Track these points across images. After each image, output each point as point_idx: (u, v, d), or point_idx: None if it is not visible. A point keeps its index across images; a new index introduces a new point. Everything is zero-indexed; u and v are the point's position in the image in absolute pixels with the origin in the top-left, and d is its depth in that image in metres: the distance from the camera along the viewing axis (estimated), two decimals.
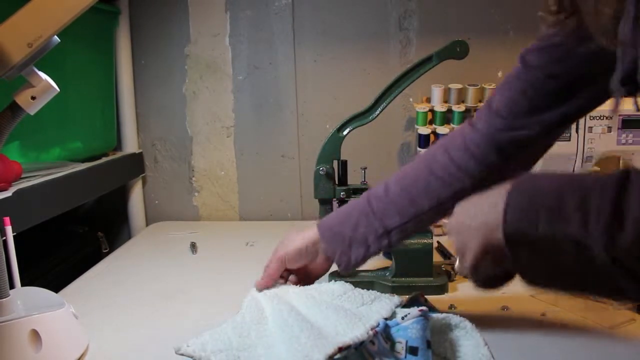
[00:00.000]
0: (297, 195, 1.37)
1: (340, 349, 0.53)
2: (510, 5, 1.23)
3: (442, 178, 0.68)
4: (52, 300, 0.68)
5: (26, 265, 0.89)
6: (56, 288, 0.85)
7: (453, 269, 0.91)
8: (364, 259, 0.71)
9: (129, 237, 1.35)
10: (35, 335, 0.61)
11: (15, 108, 0.57)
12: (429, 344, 0.58)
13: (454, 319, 0.63)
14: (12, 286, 0.67)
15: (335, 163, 0.91)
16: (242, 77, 1.32)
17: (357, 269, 0.74)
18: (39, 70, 0.59)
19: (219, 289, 0.89)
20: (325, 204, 0.92)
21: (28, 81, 0.58)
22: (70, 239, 1.20)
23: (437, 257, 0.98)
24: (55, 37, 0.57)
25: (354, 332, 0.58)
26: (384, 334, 0.59)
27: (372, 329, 0.57)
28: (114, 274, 0.99)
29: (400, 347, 0.57)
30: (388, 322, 0.60)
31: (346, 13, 1.27)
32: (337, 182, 0.91)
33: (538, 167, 0.78)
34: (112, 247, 1.22)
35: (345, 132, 0.90)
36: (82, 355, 0.67)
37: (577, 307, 0.77)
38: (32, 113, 0.58)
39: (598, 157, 1.06)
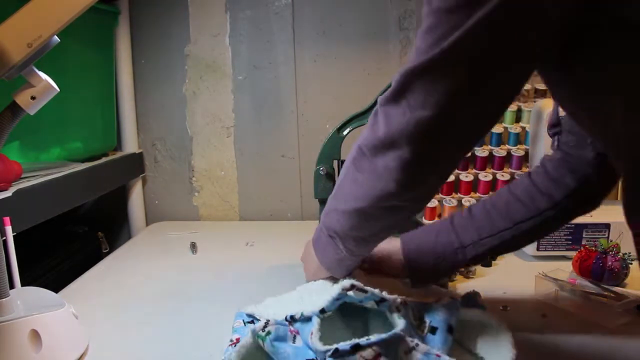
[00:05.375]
0: (297, 195, 1.37)
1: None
2: None
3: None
4: (52, 300, 0.68)
5: (26, 265, 0.90)
6: (56, 288, 0.84)
7: None
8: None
9: (129, 237, 1.35)
10: (35, 335, 0.61)
11: (15, 108, 0.57)
12: (450, 329, 0.60)
13: (492, 321, 0.63)
14: (12, 286, 0.67)
15: (335, 163, 0.91)
16: (242, 77, 1.32)
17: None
18: (39, 70, 0.59)
19: (219, 289, 0.89)
20: (325, 204, 0.91)
21: (28, 81, 0.58)
22: (70, 239, 1.20)
23: None
24: (55, 37, 0.57)
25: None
26: (415, 308, 0.62)
27: (402, 300, 0.60)
28: (114, 274, 0.99)
29: (424, 327, 0.61)
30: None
31: (346, 13, 1.27)
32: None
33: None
34: (112, 247, 1.22)
35: (345, 132, 0.90)
36: (82, 355, 0.67)
37: (578, 307, 0.77)
38: (32, 113, 0.58)
39: None
